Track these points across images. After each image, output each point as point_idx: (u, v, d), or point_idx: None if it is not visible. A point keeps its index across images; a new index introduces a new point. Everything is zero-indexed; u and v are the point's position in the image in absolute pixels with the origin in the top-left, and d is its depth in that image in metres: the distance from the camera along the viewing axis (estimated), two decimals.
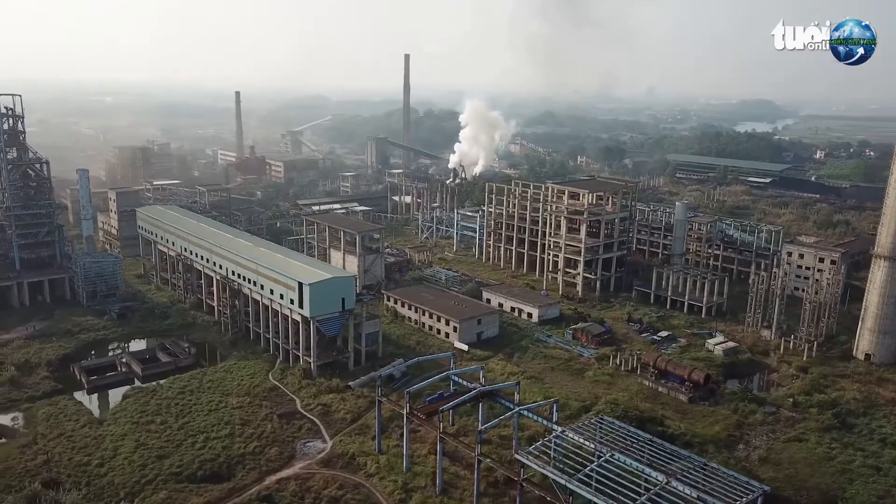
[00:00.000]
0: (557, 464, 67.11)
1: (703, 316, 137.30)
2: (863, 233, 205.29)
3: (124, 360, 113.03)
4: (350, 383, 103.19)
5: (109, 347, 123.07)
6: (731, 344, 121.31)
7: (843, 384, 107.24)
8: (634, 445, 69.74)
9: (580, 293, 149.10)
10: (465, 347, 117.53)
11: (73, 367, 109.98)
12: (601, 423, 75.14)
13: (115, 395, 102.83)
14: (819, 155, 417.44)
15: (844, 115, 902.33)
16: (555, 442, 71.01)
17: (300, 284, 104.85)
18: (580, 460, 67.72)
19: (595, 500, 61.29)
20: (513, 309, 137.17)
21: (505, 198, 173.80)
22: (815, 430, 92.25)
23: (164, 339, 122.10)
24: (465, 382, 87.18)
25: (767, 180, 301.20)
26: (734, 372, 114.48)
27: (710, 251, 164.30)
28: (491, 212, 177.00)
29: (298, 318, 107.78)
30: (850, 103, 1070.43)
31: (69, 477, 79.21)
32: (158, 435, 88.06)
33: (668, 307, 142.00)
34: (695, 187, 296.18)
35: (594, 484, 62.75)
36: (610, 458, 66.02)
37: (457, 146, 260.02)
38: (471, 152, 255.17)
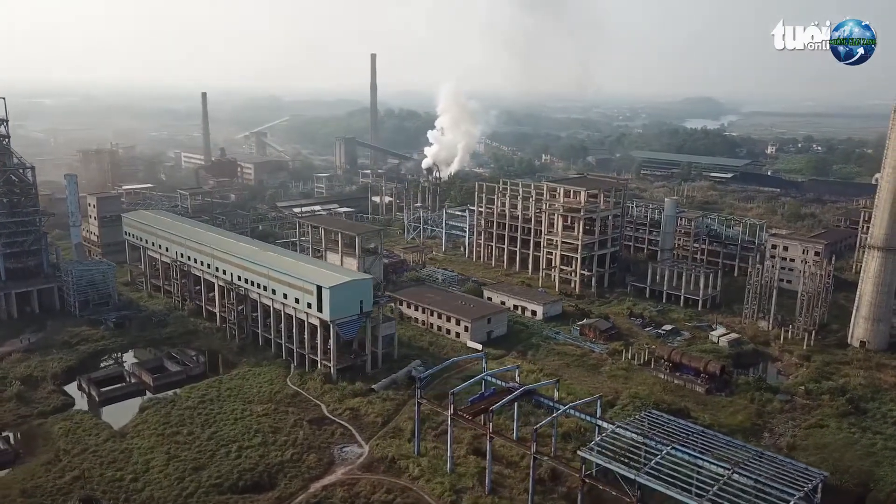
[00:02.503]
0: (621, 458, 68.13)
1: (699, 309, 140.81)
2: (830, 225, 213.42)
3: (133, 370, 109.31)
4: (373, 386, 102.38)
5: (101, 359, 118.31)
6: (733, 335, 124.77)
7: (846, 371, 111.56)
8: (689, 438, 71.09)
9: (577, 290, 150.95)
10: (479, 347, 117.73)
11: (80, 380, 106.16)
12: (649, 417, 76.47)
13: (129, 406, 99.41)
14: (770, 150, 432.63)
15: (783, 111, 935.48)
16: (607, 437, 71.96)
17: (319, 288, 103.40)
18: (635, 455, 68.99)
19: (668, 493, 62.41)
20: (516, 307, 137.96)
21: (495, 196, 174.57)
22: (832, 416, 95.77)
23: (168, 348, 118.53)
24: (500, 382, 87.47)
25: (730, 175, 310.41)
26: (740, 362, 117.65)
27: (696, 245, 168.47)
28: (481, 211, 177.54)
29: (316, 322, 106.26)
30: (785, 100, 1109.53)
31: (104, 493, 76.82)
32: (188, 446, 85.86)
33: (664, 301, 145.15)
34: (661, 183, 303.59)
35: (663, 477, 63.84)
36: (671, 451, 67.29)
37: (435, 136, 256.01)
38: (454, 140, 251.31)
